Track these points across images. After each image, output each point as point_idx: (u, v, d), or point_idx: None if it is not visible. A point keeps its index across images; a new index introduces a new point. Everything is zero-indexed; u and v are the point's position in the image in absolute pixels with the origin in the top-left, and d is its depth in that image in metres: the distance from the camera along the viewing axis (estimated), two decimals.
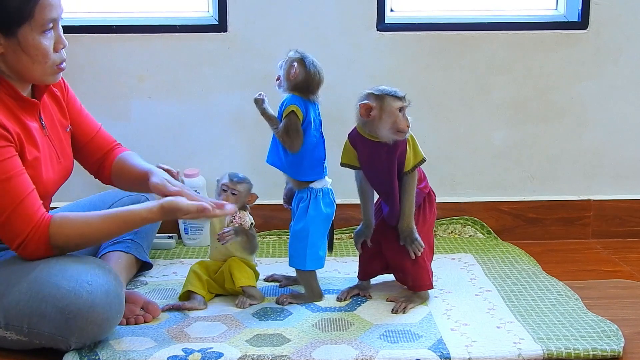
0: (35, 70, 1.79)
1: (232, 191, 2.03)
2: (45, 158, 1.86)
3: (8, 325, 1.71)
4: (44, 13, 1.74)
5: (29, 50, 1.75)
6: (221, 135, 2.65)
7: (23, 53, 1.76)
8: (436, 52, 2.64)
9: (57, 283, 1.69)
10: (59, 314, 1.68)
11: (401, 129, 1.90)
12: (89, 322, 1.69)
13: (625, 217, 2.72)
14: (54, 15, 1.77)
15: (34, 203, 1.75)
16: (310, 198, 2.01)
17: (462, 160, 2.71)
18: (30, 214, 1.73)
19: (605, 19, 2.62)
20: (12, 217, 1.72)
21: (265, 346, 1.77)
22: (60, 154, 1.93)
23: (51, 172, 1.88)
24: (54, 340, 1.71)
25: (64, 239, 1.76)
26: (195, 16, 2.66)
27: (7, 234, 1.74)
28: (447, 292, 2.11)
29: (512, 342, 1.78)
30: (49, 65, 1.79)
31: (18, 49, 1.75)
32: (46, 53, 1.77)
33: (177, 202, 1.79)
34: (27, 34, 1.74)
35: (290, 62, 1.98)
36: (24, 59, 1.77)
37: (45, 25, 1.75)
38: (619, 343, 1.77)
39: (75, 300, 1.68)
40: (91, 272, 1.74)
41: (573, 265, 2.43)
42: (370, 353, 1.73)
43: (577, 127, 2.69)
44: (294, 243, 2.03)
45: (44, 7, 1.74)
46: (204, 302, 2.03)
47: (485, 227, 2.68)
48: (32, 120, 1.84)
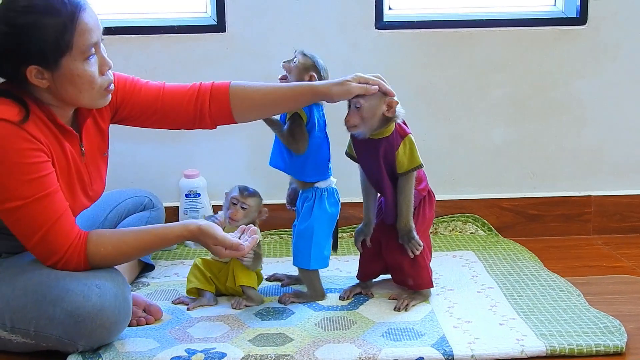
0: (84, 98, 1.73)
1: (242, 205, 2.02)
2: (76, 181, 1.82)
3: (14, 328, 1.70)
4: (83, 40, 1.66)
5: (74, 79, 1.68)
6: (221, 135, 2.64)
7: (69, 83, 1.69)
8: (434, 50, 2.64)
9: (65, 286, 1.68)
10: (68, 317, 1.66)
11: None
12: (97, 326, 1.68)
13: (625, 213, 2.72)
14: (94, 40, 1.69)
15: (70, 220, 1.72)
16: (315, 197, 2.01)
17: (462, 157, 2.71)
18: (67, 232, 1.71)
19: (603, 14, 2.62)
20: (50, 234, 1.69)
21: (268, 346, 1.77)
22: (92, 180, 1.89)
23: (79, 196, 1.84)
24: (62, 344, 1.70)
25: (101, 256, 1.74)
26: (194, 17, 2.66)
27: (44, 251, 1.71)
28: (449, 290, 2.11)
29: (515, 338, 1.78)
30: (96, 90, 1.73)
31: (63, 80, 1.68)
32: (92, 80, 1.70)
33: (215, 229, 1.79)
34: (70, 64, 1.67)
35: (304, 68, 1.97)
36: (70, 90, 1.70)
37: (87, 52, 1.68)
38: (621, 338, 1.77)
39: (84, 303, 1.67)
40: (99, 275, 1.73)
41: (574, 261, 2.44)
42: (373, 351, 1.73)
43: (576, 123, 2.69)
44: (299, 242, 2.02)
45: (82, 34, 1.66)
46: (214, 298, 2.04)
47: (486, 224, 2.68)
48: (72, 145, 1.79)
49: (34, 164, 1.66)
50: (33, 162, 1.66)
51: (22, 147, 1.65)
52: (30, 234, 1.69)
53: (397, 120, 1.93)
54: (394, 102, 1.88)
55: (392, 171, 1.96)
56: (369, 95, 1.86)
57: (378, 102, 1.88)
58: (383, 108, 1.88)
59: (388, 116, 1.89)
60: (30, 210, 1.67)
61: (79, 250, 1.72)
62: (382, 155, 1.94)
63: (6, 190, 1.65)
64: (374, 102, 1.87)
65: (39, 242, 1.70)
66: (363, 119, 1.88)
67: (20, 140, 1.65)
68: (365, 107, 1.87)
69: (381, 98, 1.88)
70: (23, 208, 1.66)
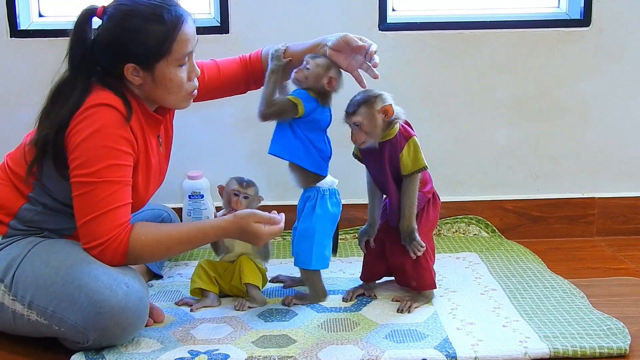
0: (170, 99, 1.88)
1: (244, 195, 2.03)
2: (153, 173, 1.94)
3: (32, 304, 1.73)
4: (181, 48, 1.81)
5: (165, 82, 1.83)
6: (225, 137, 2.65)
7: (160, 85, 1.83)
8: (438, 52, 2.63)
9: (97, 276, 1.71)
10: (91, 306, 1.69)
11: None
12: (116, 323, 1.70)
13: (629, 215, 2.71)
14: (190, 49, 1.84)
15: (126, 214, 1.79)
16: (318, 197, 2.01)
17: (466, 159, 2.71)
18: (119, 223, 1.77)
19: (607, 16, 2.61)
20: (103, 218, 1.75)
21: (271, 347, 1.77)
22: (163, 169, 2.02)
23: (151, 187, 1.95)
24: (75, 331, 1.71)
25: (141, 244, 1.79)
26: (197, 18, 2.64)
27: (89, 232, 1.77)
28: (452, 292, 2.11)
29: (518, 340, 1.78)
30: (182, 94, 1.88)
31: (155, 81, 1.83)
32: (181, 84, 1.85)
33: (252, 210, 1.88)
34: (164, 68, 1.81)
35: (326, 68, 1.96)
36: (159, 90, 1.85)
37: (182, 59, 1.82)
38: (625, 341, 1.77)
39: (110, 297, 1.69)
40: (129, 276, 1.77)
41: (578, 263, 2.43)
42: (377, 353, 1.73)
43: (580, 125, 2.69)
44: (300, 242, 2.02)
45: (182, 43, 1.81)
46: (217, 299, 2.05)
47: (490, 226, 2.68)
48: (153, 137, 1.91)
49: (122, 152, 1.78)
50: (122, 150, 1.78)
51: (119, 134, 1.77)
52: (87, 212, 1.76)
53: (399, 121, 1.93)
54: (387, 107, 1.90)
55: (397, 173, 1.96)
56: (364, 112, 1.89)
57: (375, 114, 1.90)
58: (381, 117, 1.89)
59: (388, 120, 1.91)
60: (98, 189, 1.75)
61: (122, 238, 1.77)
62: (386, 158, 1.94)
63: (90, 164, 1.75)
64: (369, 115, 1.90)
65: (90, 221, 1.75)
66: (367, 134, 1.92)
67: (121, 128, 1.78)
68: (365, 124, 1.90)
69: (376, 109, 1.90)
70: (94, 185, 1.75)
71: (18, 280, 1.75)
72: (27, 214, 1.84)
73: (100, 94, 1.78)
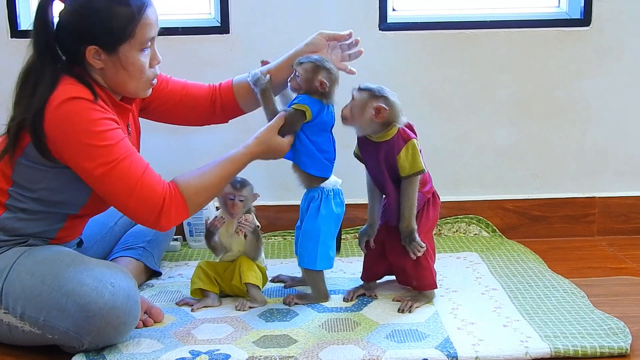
0: (131, 85, 1.86)
1: (239, 198, 2.03)
2: None
3: (24, 315, 1.72)
4: (144, 32, 1.80)
5: (127, 66, 1.82)
6: (225, 137, 2.65)
7: (121, 68, 1.82)
8: (438, 51, 2.64)
9: (81, 280, 1.71)
10: (79, 311, 1.69)
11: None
12: (107, 323, 1.70)
13: (630, 214, 2.71)
14: (152, 34, 1.83)
15: (154, 174, 1.80)
16: (322, 197, 2.01)
17: (466, 159, 2.71)
18: (156, 183, 1.78)
19: (607, 15, 2.62)
20: (141, 189, 1.75)
21: (272, 347, 1.77)
22: None
23: None
24: (68, 337, 1.71)
25: (193, 192, 1.82)
26: (198, 18, 2.66)
27: (143, 207, 1.77)
28: (453, 291, 2.11)
29: (519, 340, 1.78)
30: (143, 80, 1.87)
31: (117, 64, 1.81)
32: (142, 69, 1.84)
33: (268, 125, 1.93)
34: (127, 52, 1.80)
35: (313, 71, 1.95)
36: (121, 74, 1.83)
37: (144, 43, 1.82)
38: (626, 340, 1.77)
39: (97, 299, 1.69)
40: (114, 275, 1.77)
41: (578, 262, 2.43)
42: (377, 353, 1.73)
43: (580, 125, 2.69)
44: (305, 242, 2.02)
45: (145, 27, 1.80)
46: (218, 299, 2.05)
47: (490, 226, 2.68)
48: (122, 125, 1.89)
49: (108, 131, 1.75)
50: (107, 129, 1.75)
51: (96, 117, 1.75)
52: (125, 196, 1.76)
53: (397, 125, 1.93)
54: (381, 107, 1.90)
55: (394, 173, 1.96)
56: (360, 93, 1.93)
57: (366, 102, 1.92)
58: (370, 111, 1.90)
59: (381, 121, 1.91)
60: (115, 173, 1.74)
61: (174, 194, 1.79)
62: (382, 158, 1.94)
63: (91, 159, 1.74)
64: (361, 102, 1.92)
65: (135, 201, 1.76)
66: (352, 115, 1.94)
67: (93, 112, 1.75)
68: (355, 104, 1.93)
69: (369, 100, 1.91)
70: (109, 173, 1.74)
71: (7, 292, 1.74)
72: (7, 222, 1.82)
73: (67, 87, 1.75)
